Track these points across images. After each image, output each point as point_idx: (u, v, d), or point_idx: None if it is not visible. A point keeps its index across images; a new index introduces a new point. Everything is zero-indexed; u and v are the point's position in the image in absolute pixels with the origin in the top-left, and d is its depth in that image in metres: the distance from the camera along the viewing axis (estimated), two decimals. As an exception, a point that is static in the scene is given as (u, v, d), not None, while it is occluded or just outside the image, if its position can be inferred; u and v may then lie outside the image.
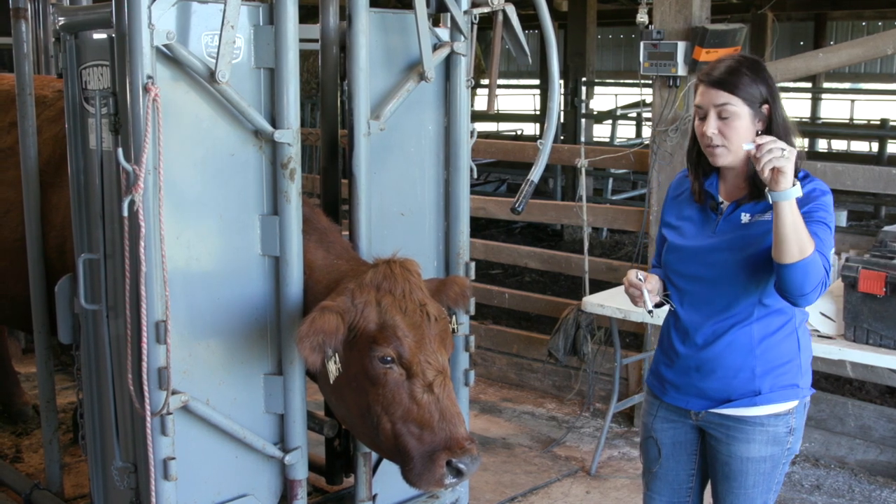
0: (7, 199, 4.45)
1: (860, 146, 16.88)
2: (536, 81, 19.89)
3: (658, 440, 3.33)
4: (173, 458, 3.23)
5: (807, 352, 3.16)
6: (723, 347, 3.08)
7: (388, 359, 3.09)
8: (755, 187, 2.99)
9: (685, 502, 3.39)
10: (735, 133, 2.95)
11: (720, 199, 3.11)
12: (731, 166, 3.05)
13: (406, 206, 3.94)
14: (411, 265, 3.23)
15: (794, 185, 2.74)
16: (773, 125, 2.97)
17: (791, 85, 16.16)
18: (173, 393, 3.19)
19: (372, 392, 3.15)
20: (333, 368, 3.15)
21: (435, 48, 3.80)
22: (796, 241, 2.77)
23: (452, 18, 3.83)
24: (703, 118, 3.01)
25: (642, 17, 5.79)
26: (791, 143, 2.91)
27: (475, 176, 4.11)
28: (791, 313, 3.10)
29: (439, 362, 3.15)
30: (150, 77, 3.02)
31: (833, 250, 2.98)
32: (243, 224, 3.41)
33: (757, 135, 2.94)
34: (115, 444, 3.52)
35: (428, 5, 3.75)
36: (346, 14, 3.61)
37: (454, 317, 3.53)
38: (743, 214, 3.04)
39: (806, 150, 14.73)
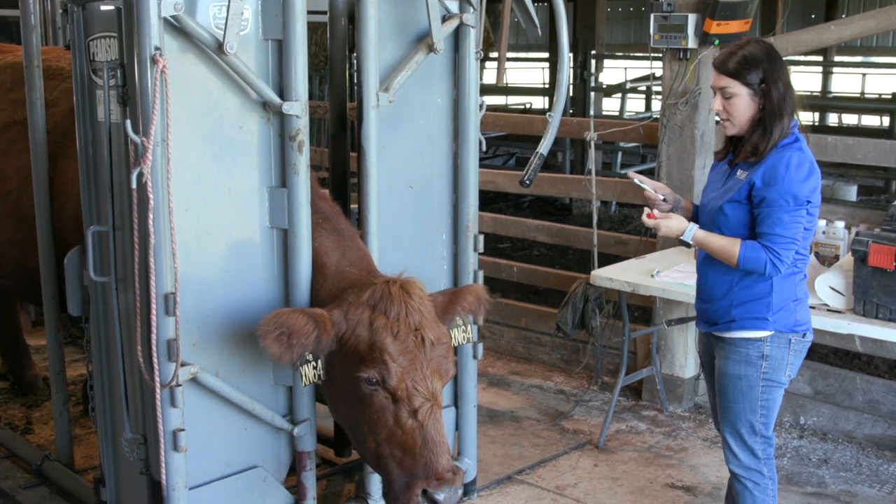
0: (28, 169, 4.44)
1: (871, 120, 16.75)
2: (546, 54, 19.76)
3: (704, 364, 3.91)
4: (183, 430, 3.25)
5: (783, 293, 3.54)
6: (711, 276, 3.62)
7: (374, 381, 3.07)
8: (748, 146, 3.49)
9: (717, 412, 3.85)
10: (736, 109, 3.47)
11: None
12: (740, 136, 3.55)
13: (415, 179, 3.93)
14: (412, 286, 3.18)
15: (683, 233, 3.51)
16: (768, 100, 3.43)
17: (802, 58, 16.07)
18: (182, 365, 3.20)
19: (359, 410, 3.16)
20: (311, 373, 3.16)
21: (444, 20, 3.78)
22: (721, 257, 3.50)
23: (462, -10, 3.80)
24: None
25: (653, -11, 5.73)
26: (787, 118, 3.44)
27: (484, 149, 4.10)
28: None
29: (429, 389, 3.10)
30: (157, 48, 3.01)
31: (803, 229, 3.45)
32: (252, 196, 3.41)
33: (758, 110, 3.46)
34: (125, 415, 3.54)
35: (437, -24, 3.73)
36: (354, -15, 3.59)
37: (469, 327, 3.50)
38: (739, 171, 3.54)
39: (815, 123, 14.79)
